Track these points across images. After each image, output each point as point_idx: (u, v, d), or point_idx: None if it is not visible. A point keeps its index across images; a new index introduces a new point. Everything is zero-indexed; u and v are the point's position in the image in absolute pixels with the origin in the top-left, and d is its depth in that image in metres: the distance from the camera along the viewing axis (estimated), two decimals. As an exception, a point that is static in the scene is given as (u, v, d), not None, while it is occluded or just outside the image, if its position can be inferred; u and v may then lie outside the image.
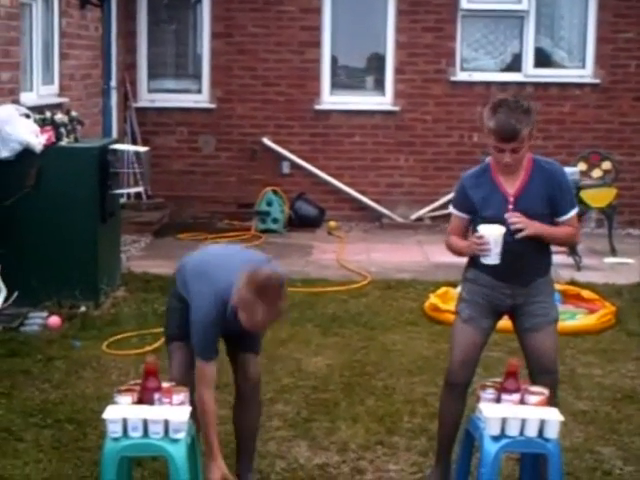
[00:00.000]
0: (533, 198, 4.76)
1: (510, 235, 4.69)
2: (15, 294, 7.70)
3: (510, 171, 4.76)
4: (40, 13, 9.57)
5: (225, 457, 5.24)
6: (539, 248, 4.83)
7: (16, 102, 8.45)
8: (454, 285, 8.36)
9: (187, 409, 4.22)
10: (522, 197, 4.76)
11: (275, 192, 12.25)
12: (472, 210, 4.86)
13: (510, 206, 4.75)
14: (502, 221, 4.72)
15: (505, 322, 5.01)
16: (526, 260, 4.78)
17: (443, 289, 8.63)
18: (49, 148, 8.02)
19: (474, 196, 4.83)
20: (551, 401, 4.58)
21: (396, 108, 12.70)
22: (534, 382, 4.68)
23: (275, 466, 5.28)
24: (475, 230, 4.81)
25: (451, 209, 5.01)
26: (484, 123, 4.72)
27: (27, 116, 8.07)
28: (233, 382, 5.02)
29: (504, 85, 12.61)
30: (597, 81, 12.63)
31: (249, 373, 4.92)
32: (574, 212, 4.87)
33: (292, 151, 12.66)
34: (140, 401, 4.25)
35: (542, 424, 4.29)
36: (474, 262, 4.91)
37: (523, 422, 4.28)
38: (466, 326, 4.91)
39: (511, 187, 4.78)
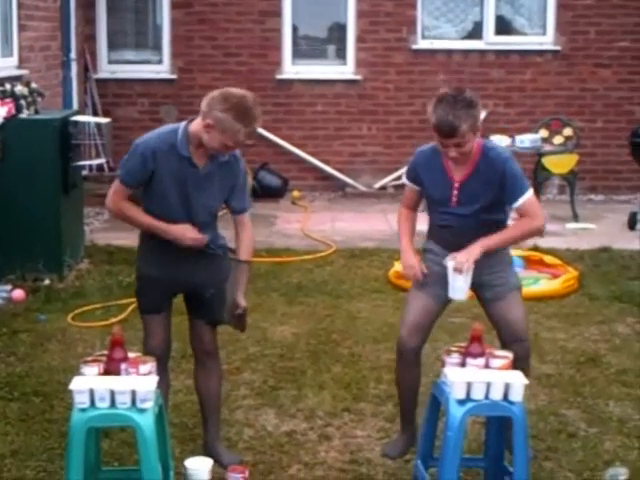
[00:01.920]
0: (479, 185, 4.73)
1: (460, 222, 4.76)
2: (-22, 268, 7.68)
3: (458, 162, 4.75)
4: (-3, -16, 9.47)
5: (193, 427, 5.29)
6: (488, 225, 4.78)
7: (-25, 74, 8.37)
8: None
9: (154, 379, 4.21)
10: (467, 183, 4.76)
11: (238, 162, 12.20)
12: (421, 185, 4.93)
13: (455, 191, 4.77)
14: (446, 203, 4.79)
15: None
16: (476, 236, 4.75)
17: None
18: (9, 121, 7.96)
19: (423, 175, 4.89)
20: (524, 370, 4.58)
21: (358, 77, 12.69)
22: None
23: (243, 434, 5.31)
24: (426, 207, 4.92)
25: (404, 178, 5.08)
26: (428, 118, 4.72)
27: (-14, 89, 8.01)
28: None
29: (465, 53, 12.65)
30: (557, 48, 12.67)
31: (204, 342, 4.94)
32: (526, 197, 4.70)
33: (254, 121, 12.59)
34: (107, 372, 4.23)
35: (507, 387, 4.32)
36: (431, 233, 5.00)
37: (488, 386, 4.30)
38: (419, 292, 4.96)
39: (459, 173, 4.77)
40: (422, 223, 5.15)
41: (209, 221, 4.78)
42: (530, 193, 4.74)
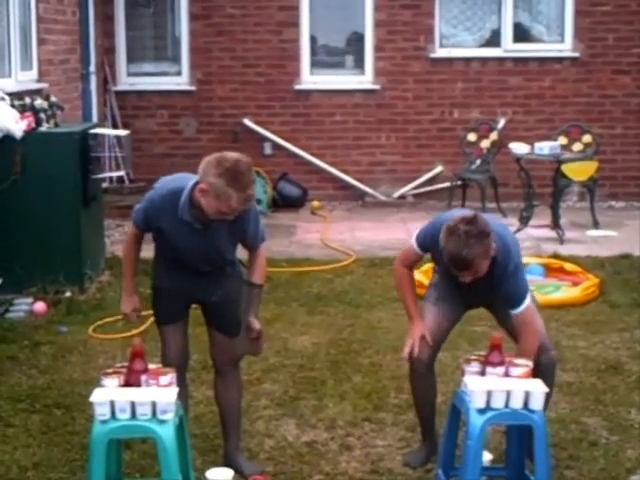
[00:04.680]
0: (481, 286, 4.68)
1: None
2: (-1, 281, 7.72)
3: None
4: (17, -1, 9.54)
5: (214, 438, 5.30)
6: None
7: (-5, 89, 8.42)
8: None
9: (174, 390, 4.23)
10: (471, 286, 4.69)
11: (257, 173, 12.23)
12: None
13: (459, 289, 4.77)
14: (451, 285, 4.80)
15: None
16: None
17: (427, 265, 8.60)
18: (29, 134, 8.00)
19: (433, 253, 4.84)
20: (550, 380, 4.56)
21: (376, 86, 12.70)
22: (535, 365, 4.58)
23: (264, 445, 5.31)
24: (436, 269, 4.95)
25: (412, 241, 4.96)
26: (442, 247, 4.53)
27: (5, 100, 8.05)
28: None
29: (484, 61, 12.65)
30: (576, 55, 12.64)
31: (223, 353, 4.95)
32: (522, 308, 4.67)
33: (273, 132, 12.66)
34: (127, 383, 4.26)
35: (527, 396, 4.32)
36: (439, 269, 5.02)
37: (508, 394, 4.30)
38: (432, 306, 4.99)
39: None
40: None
41: (224, 260, 4.82)
42: (526, 304, 4.68)
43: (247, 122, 12.60)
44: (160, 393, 4.18)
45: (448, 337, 5.10)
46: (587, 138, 11.46)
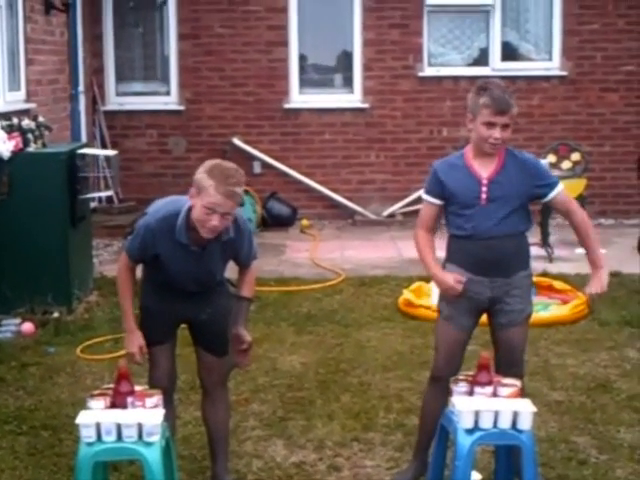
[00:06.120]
0: (506, 183, 4.78)
1: (488, 226, 4.77)
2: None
3: (491, 152, 4.78)
4: (4, 19, 9.50)
5: (202, 459, 5.28)
6: (516, 240, 4.86)
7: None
8: (427, 280, 8.37)
9: (160, 412, 4.21)
10: (495, 181, 4.78)
11: (247, 192, 12.22)
12: (444, 195, 4.86)
13: (484, 188, 4.77)
14: (475, 203, 4.77)
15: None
16: (504, 252, 4.80)
17: (416, 284, 8.64)
18: (17, 154, 7.99)
19: (447, 180, 4.84)
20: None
21: (365, 105, 12.72)
22: (500, 374, 4.66)
23: (252, 466, 5.28)
24: (447, 223, 4.91)
25: (423, 195, 4.98)
26: (472, 104, 4.81)
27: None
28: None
29: (472, 79, 12.62)
30: (564, 73, 12.69)
31: (211, 373, 4.94)
32: (561, 186, 4.88)
33: (263, 151, 12.66)
34: (113, 405, 4.24)
35: (515, 416, 4.30)
36: (451, 254, 4.94)
37: (496, 414, 4.29)
38: (447, 323, 4.93)
39: (485, 171, 4.80)
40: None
41: (214, 281, 4.82)
42: (561, 185, 4.90)
43: (236, 141, 12.61)
44: (146, 415, 4.16)
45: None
46: (576, 156, 11.46)
